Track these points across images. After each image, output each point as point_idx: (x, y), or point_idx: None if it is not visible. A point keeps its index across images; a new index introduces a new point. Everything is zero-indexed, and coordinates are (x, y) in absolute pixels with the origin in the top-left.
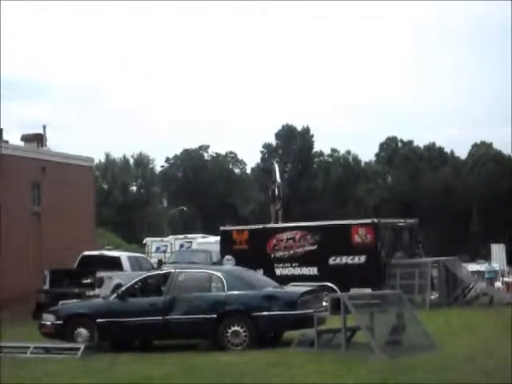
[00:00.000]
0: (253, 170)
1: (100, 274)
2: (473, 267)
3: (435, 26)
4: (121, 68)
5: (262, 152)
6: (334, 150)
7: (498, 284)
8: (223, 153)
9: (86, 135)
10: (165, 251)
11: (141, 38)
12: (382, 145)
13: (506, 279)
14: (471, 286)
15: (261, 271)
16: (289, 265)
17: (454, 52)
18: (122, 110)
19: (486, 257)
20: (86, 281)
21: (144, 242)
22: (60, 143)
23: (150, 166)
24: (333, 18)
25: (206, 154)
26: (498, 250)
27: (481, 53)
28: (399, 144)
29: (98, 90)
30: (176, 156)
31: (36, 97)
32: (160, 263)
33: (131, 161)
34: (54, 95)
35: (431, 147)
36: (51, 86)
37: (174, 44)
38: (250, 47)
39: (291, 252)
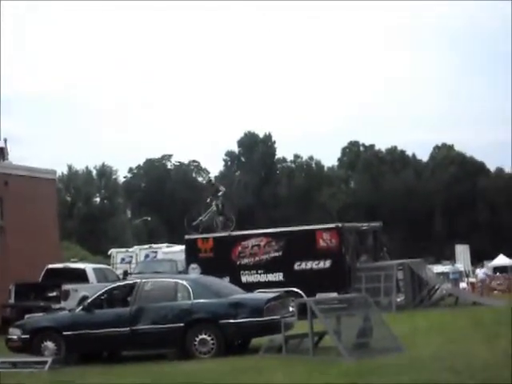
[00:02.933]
0: (216, 178)
1: (65, 287)
2: (438, 268)
3: (394, 28)
4: (82, 79)
5: (224, 160)
6: (296, 156)
7: (463, 284)
8: (186, 162)
9: (48, 148)
10: (130, 262)
11: (103, 48)
12: (344, 149)
13: (470, 279)
14: (436, 288)
15: (227, 279)
16: (254, 271)
17: (416, 53)
18: (83, 121)
19: (451, 258)
20: (51, 294)
21: (109, 253)
22: (22, 156)
23: (113, 176)
24: (289, 26)
25: (169, 164)
26: (462, 251)
27: (442, 54)
28: (361, 148)
29: (59, 102)
30: (139, 166)
31: None
32: (125, 274)
33: (94, 172)
34: (14, 108)
35: (393, 151)
36: (12, 99)
37: (135, 53)
38: (211, 55)
39: (256, 259)
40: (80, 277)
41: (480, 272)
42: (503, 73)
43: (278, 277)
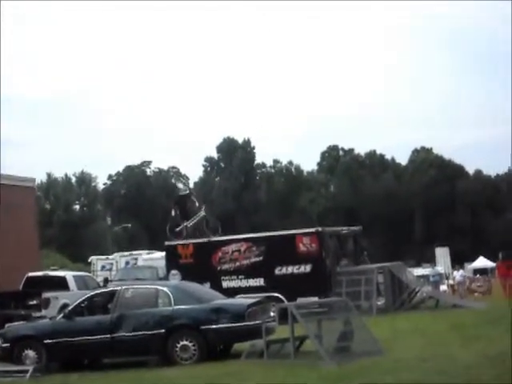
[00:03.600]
0: (196, 184)
1: (46, 295)
2: (418, 271)
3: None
4: (63, 86)
5: (204, 166)
6: (276, 161)
7: (444, 287)
8: (166, 168)
9: (27, 155)
10: (110, 269)
11: (85, 54)
12: (323, 154)
13: (450, 282)
14: (417, 290)
15: (207, 284)
16: (235, 277)
17: (393, 56)
18: (61, 129)
19: (431, 260)
20: (31, 302)
21: (89, 260)
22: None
23: (93, 184)
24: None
25: (148, 170)
26: (442, 254)
27: (422, 57)
28: (340, 152)
29: (39, 109)
30: (118, 173)
31: None
32: (106, 281)
33: (73, 179)
34: None
35: (372, 154)
36: None
37: (116, 60)
38: (190, 61)
39: (237, 264)
40: (60, 284)
41: (457, 274)
42: (484, 75)
43: (259, 282)
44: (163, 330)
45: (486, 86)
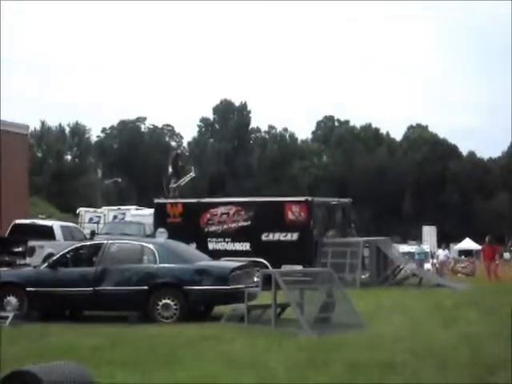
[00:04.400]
0: (189, 143)
1: (32, 243)
2: (404, 248)
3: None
4: (59, 35)
5: (199, 126)
6: (271, 127)
7: (428, 266)
8: (160, 125)
9: (21, 103)
10: (98, 222)
11: (82, 10)
12: (318, 123)
13: (434, 261)
14: (401, 267)
15: (194, 245)
16: (222, 240)
17: (388, 32)
18: (58, 78)
19: (417, 238)
20: (17, 249)
21: (77, 212)
22: None
23: (86, 135)
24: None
25: (142, 126)
26: (429, 232)
27: (416, 34)
28: (336, 123)
29: (35, 57)
30: (112, 127)
31: None
32: (93, 234)
33: (67, 130)
34: None
35: (367, 128)
36: None
37: (115, 16)
38: (192, 22)
39: (225, 227)
40: (47, 234)
41: (442, 254)
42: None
43: (245, 246)
44: (146, 287)
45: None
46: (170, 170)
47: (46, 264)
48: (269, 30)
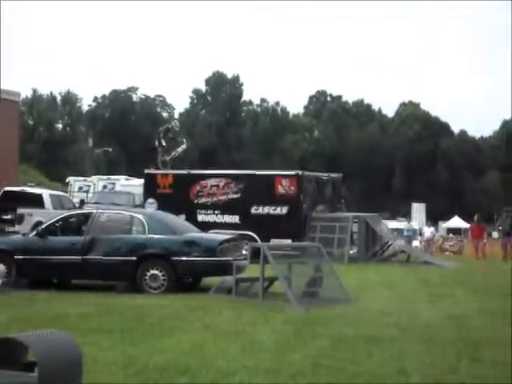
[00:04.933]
0: (181, 115)
1: (21, 211)
2: (392, 225)
3: None
4: (54, 5)
5: (190, 97)
6: (263, 100)
7: (416, 243)
8: (152, 96)
9: (13, 69)
10: (87, 191)
11: None
12: (311, 98)
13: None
14: (389, 243)
15: (183, 216)
16: (211, 212)
17: (383, 6)
18: (52, 46)
19: (406, 215)
20: (6, 217)
21: (67, 180)
22: None
23: (78, 104)
24: None
25: (134, 96)
26: (418, 209)
27: (411, 10)
28: (328, 98)
29: (27, 25)
30: (104, 96)
31: None
32: (82, 203)
33: (58, 98)
34: None
35: (359, 103)
36: None
37: None
38: None
39: (214, 199)
40: (36, 202)
41: (427, 231)
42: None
43: (235, 219)
44: (134, 258)
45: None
46: (164, 143)
47: (35, 232)
48: (262, 3)
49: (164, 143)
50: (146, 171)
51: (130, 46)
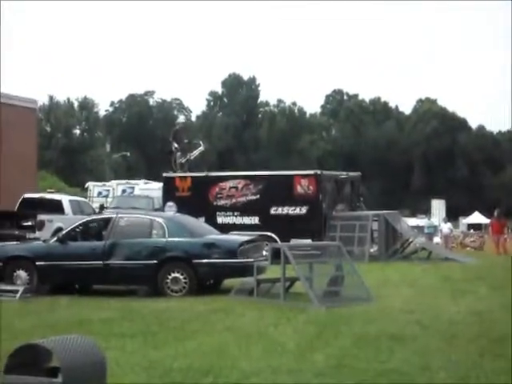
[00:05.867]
0: (198, 117)
1: (41, 217)
2: (412, 222)
3: None
4: (68, 10)
5: (207, 100)
6: (279, 101)
7: (437, 239)
8: (169, 99)
9: (31, 77)
10: (107, 196)
11: None
12: (327, 97)
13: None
14: (410, 241)
15: (202, 219)
16: (231, 213)
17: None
18: (68, 52)
19: (426, 212)
20: (26, 223)
21: (86, 186)
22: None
23: (95, 110)
24: None
25: (151, 100)
26: (437, 206)
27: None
28: (345, 97)
29: (43, 33)
30: (121, 101)
31: None
32: (102, 208)
33: (75, 104)
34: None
35: (376, 101)
36: None
37: None
38: None
39: (233, 201)
40: (56, 208)
41: (445, 227)
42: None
43: (254, 220)
44: (155, 261)
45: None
46: (176, 145)
47: (56, 238)
48: (277, 3)
49: (177, 145)
50: (165, 175)
51: (145, 50)
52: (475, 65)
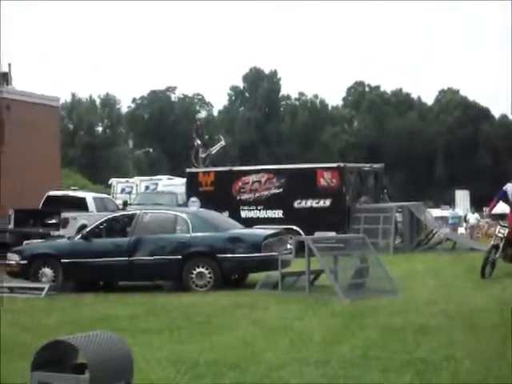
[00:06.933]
0: (219, 112)
1: (65, 215)
2: (436, 213)
3: None
4: (89, 7)
5: (229, 94)
6: (301, 94)
7: (461, 230)
8: (190, 94)
9: (52, 75)
10: (130, 192)
11: None
12: (349, 89)
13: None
14: (435, 232)
15: (226, 213)
16: (254, 207)
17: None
18: (89, 49)
19: (450, 203)
20: (50, 221)
21: (109, 183)
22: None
23: (117, 106)
24: None
25: (173, 96)
26: (461, 196)
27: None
28: (366, 89)
29: (65, 32)
30: (143, 97)
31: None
32: (125, 204)
33: (97, 101)
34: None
35: (398, 92)
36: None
37: None
38: None
39: (257, 195)
40: (80, 205)
41: (472, 217)
42: None
43: (278, 214)
44: (180, 256)
45: None
46: (198, 141)
47: (80, 235)
48: None
49: (199, 141)
50: (188, 170)
51: (166, 46)
52: (496, 54)
